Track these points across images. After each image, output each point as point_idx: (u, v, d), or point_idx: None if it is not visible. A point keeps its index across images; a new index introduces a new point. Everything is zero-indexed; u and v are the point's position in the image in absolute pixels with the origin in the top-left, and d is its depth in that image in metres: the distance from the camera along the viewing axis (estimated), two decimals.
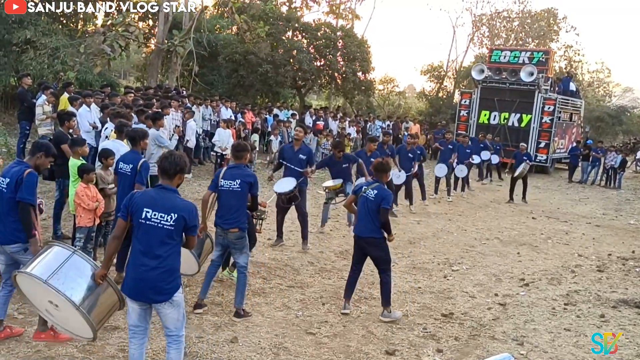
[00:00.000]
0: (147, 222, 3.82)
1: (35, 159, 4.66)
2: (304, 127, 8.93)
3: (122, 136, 7.26)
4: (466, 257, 8.90)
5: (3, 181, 4.51)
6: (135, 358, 4.00)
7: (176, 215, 3.82)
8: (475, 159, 15.64)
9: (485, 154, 16.47)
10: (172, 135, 11.23)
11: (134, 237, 3.91)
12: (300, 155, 8.19)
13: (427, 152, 14.29)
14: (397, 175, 11.19)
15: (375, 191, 5.90)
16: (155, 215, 3.82)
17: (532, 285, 7.61)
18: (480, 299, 6.98)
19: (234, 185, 5.61)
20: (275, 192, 8.04)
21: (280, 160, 8.48)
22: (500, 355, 5.18)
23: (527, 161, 14.27)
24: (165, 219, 3.81)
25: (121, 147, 7.04)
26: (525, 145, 15.56)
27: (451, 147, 14.02)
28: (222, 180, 5.67)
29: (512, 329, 6.02)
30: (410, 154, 11.77)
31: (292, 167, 8.15)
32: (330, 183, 9.01)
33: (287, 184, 7.97)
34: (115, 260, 5.94)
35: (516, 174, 14.20)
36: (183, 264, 5.54)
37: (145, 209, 3.83)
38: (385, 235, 5.93)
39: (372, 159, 9.29)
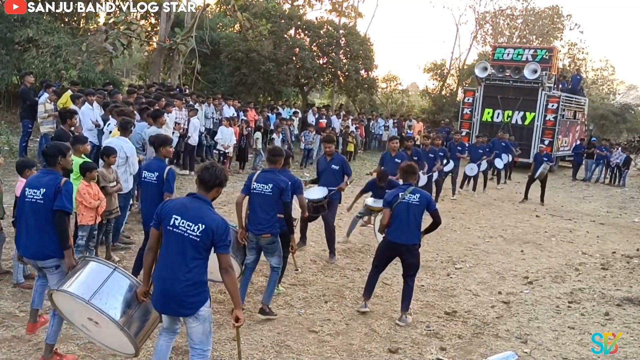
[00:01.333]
0: (175, 230, 3.67)
1: (58, 165, 4.44)
2: (331, 139, 8.37)
3: (126, 133, 7.24)
4: (470, 255, 8.86)
5: (36, 192, 4.25)
6: (162, 350, 3.95)
7: (204, 226, 3.62)
8: (498, 163, 15.59)
9: (505, 157, 16.36)
10: (173, 133, 11.21)
11: (161, 246, 3.78)
12: (333, 166, 7.91)
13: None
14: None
15: (418, 194, 5.78)
16: (183, 223, 3.66)
17: (536, 284, 7.57)
18: (483, 297, 6.95)
19: (266, 189, 5.51)
20: (306, 198, 7.86)
21: (317, 173, 8.26)
22: (504, 354, 5.15)
23: (547, 162, 14.16)
24: (192, 229, 3.63)
25: (125, 144, 7.03)
26: (543, 146, 15.44)
27: (460, 148, 13.96)
28: (255, 183, 5.58)
29: (515, 327, 5.99)
30: (430, 154, 11.66)
31: (327, 176, 7.92)
32: (372, 203, 8.60)
33: (318, 192, 7.77)
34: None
35: (537, 175, 14.07)
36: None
37: (174, 216, 3.69)
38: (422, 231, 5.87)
39: (397, 160, 9.15)
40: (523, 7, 36.64)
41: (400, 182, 6.37)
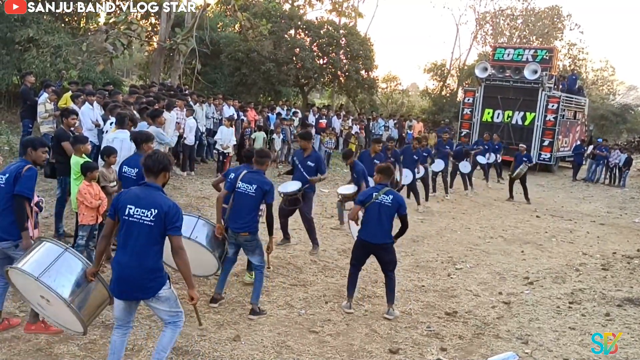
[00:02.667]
0: (130, 219, 3.85)
1: (27, 156, 4.72)
2: (306, 136, 8.35)
3: (124, 127, 7.25)
4: (470, 256, 8.85)
5: (2, 178, 4.52)
6: (117, 346, 4.05)
7: (156, 210, 3.81)
8: (481, 160, 15.61)
9: (491, 156, 16.41)
10: (173, 132, 11.21)
11: (118, 235, 3.94)
12: (309, 162, 8.00)
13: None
14: (404, 175, 11.12)
15: (391, 196, 5.85)
16: (137, 211, 3.84)
17: (536, 284, 7.57)
18: (484, 297, 6.94)
19: (250, 189, 5.64)
20: (279, 192, 7.96)
21: (293, 163, 8.33)
22: (505, 354, 5.16)
23: (526, 162, 14.17)
24: (145, 215, 3.82)
25: (125, 138, 7.03)
26: (525, 146, 15.46)
27: (448, 147, 14.02)
28: (240, 182, 5.70)
29: (516, 327, 5.98)
30: (415, 156, 11.73)
31: (302, 171, 7.98)
32: (344, 191, 8.75)
33: (291, 186, 7.87)
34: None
35: (514, 174, 14.15)
36: (201, 264, 5.50)
37: (128, 206, 3.87)
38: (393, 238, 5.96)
39: (376, 161, 9.22)
40: (523, 7, 36.72)
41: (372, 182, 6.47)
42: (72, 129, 7.67)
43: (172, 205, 3.90)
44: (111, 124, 8.54)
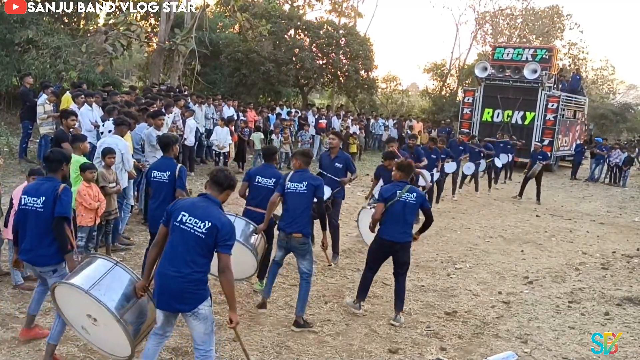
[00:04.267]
0: (181, 226, 3.77)
1: (58, 173, 4.48)
2: (338, 134, 8.23)
3: (121, 130, 7.25)
4: (470, 255, 8.86)
5: (36, 201, 4.29)
6: (150, 353, 3.97)
7: (210, 223, 3.72)
8: (498, 162, 15.58)
9: (504, 157, 16.34)
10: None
11: (167, 242, 3.85)
12: (337, 164, 7.75)
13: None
14: (424, 176, 11.00)
15: (414, 194, 5.78)
16: (190, 220, 3.76)
17: (536, 283, 7.57)
18: (483, 297, 6.94)
19: (301, 187, 5.54)
20: None
21: (320, 170, 8.00)
22: (504, 354, 5.17)
23: (541, 160, 14.14)
24: (198, 225, 3.73)
25: (119, 142, 7.02)
26: (540, 144, 15.40)
27: (462, 147, 13.92)
28: (289, 182, 5.59)
29: (516, 327, 5.99)
30: (433, 155, 11.54)
31: (330, 176, 7.72)
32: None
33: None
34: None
35: (529, 173, 14.09)
36: (241, 265, 5.33)
37: (182, 212, 3.80)
38: (415, 232, 5.93)
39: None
40: (523, 7, 36.75)
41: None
42: (71, 130, 7.69)
43: (227, 222, 3.80)
44: (109, 128, 8.53)
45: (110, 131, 8.19)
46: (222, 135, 13.22)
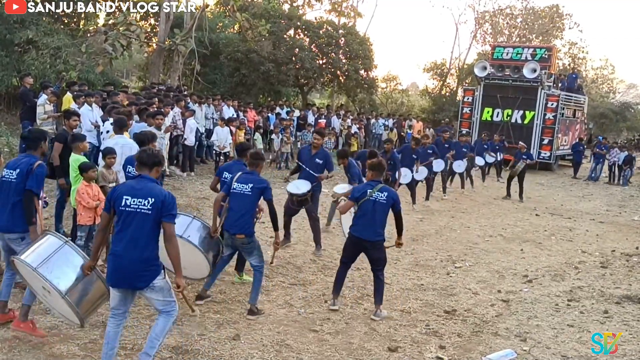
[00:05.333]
0: (127, 209, 3.98)
1: (37, 150, 4.84)
2: (322, 132, 8.52)
3: (123, 131, 7.28)
4: (469, 254, 8.87)
5: (12, 173, 4.66)
6: (111, 336, 4.14)
7: (153, 199, 3.96)
8: (479, 161, 15.59)
9: (490, 157, 16.37)
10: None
11: (115, 227, 4.06)
12: (317, 160, 7.95)
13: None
14: (403, 175, 11.08)
15: (386, 193, 5.82)
16: (134, 201, 3.97)
17: (535, 282, 7.59)
18: (483, 295, 6.96)
19: (246, 189, 5.63)
20: (288, 192, 7.92)
21: (298, 163, 8.26)
22: (503, 352, 5.19)
23: (525, 160, 14.17)
24: (142, 204, 3.96)
25: (121, 142, 7.03)
26: (524, 144, 15.42)
27: (447, 145, 13.95)
28: (235, 183, 5.69)
29: (515, 325, 6.00)
30: (414, 155, 11.69)
31: (308, 170, 7.93)
32: (340, 190, 8.52)
33: (301, 186, 7.80)
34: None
35: (512, 171, 14.15)
36: (193, 267, 5.50)
37: (125, 197, 4.00)
38: (396, 238, 6.02)
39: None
40: (522, 6, 36.73)
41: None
42: (74, 131, 7.70)
43: (167, 194, 4.06)
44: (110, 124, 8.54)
45: (108, 131, 8.22)
46: (222, 135, 13.24)
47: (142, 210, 3.95)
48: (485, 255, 8.87)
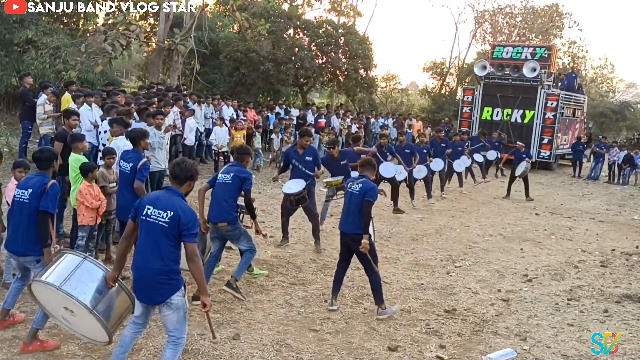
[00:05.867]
0: (147, 219, 3.90)
1: (49, 170, 4.75)
2: (310, 133, 8.64)
3: (116, 133, 7.31)
4: (469, 254, 8.87)
5: (24, 193, 4.53)
6: (126, 341, 4.10)
7: (172, 213, 3.84)
8: (478, 158, 15.57)
9: (492, 154, 16.33)
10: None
11: (138, 236, 3.98)
12: (307, 158, 8.06)
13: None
14: (398, 172, 11.10)
15: (360, 185, 5.85)
16: (154, 212, 3.89)
17: (535, 281, 7.59)
18: (483, 295, 6.96)
19: (227, 178, 5.83)
20: (284, 193, 7.96)
21: (287, 163, 8.34)
22: (503, 351, 5.19)
23: (527, 159, 14.16)
24: (161, 216, 3.86)
25: (122, 144, 7.05)
26: (523, 144, 15.39)
27: (444, 144, 13.92)
28: (220, 174, 5.97)
29: (515, 324, 6.00)
30: (406, 150, 11.70)
31: (301, 168, 8.01)
32: (330, 179, 8.82)
33: (296, 185, 7.87)
34: None
35: (519, 173, 14.10)
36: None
37: (147, 206, 3.93)
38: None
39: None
40: (522, 6, 36.68)
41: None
42: (73, 130, 7.70)
43: (188, 211, 3.90)
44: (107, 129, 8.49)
45: (106, 131, 8.22)
46: (221, 135, 13.24)
47: (160, 222, 3.85)
48: (485, 255, 8.87)
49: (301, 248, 8.25)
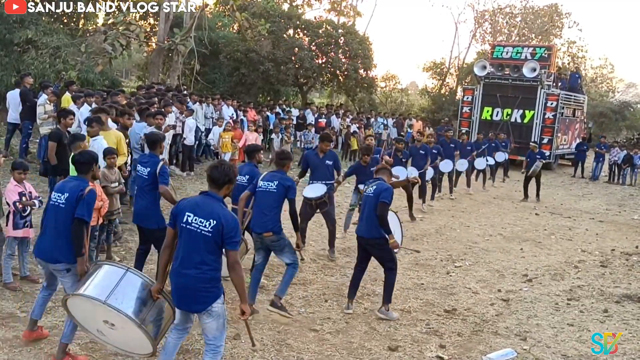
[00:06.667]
0: (188, 227, 3.80)
1: (88, 174, 4.51)
2: (330, 138, 8.49)
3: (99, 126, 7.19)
4: (469, 254, 8.88)
5: (60, 197, 4.31)
6: (170, 348, 4.05)
7: (215, 222, 3.74)
8: (490, 161, 15.52)
9: (500, 156, 16.26)
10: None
11: (177, 243, 3.91)
12: (327, 161, 7.92)
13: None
14: (410, 173, 10.99)
15: (375, 187, 5.87)
16: (195, 220, 3.78)
17: (535, 281, 7.60)
18: (483, 294, 6.97)
19: (271, 186, 5.60)
20: (304, 197, 7.78)
21: (306, 166, 8.13)
22: (503, 351, 5.20)
23: (540, 159, 14.17)
24: (204, 225, 3.76)
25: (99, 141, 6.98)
26: (536, 144, 15.34)
27: (453, 145, 13.88)
28: (261, 181, 5.68)
29: (515, 324, 6.01)
30: (421, 151, 11.61)
31: (322, 172, 7.89)
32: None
33: (317, 190, 7.73)
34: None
35: (529, 172, 14.11)
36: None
37: (187, 213, 3.82)
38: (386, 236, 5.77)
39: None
40: (522, 6, 36.73)
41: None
42: (69, 129, 7.71)
43: (231, 218, 3.82)
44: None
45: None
46: (218, 136, 13.25)
47: (203, 232, 3.74)
48: (485, 255, 8.88)
49: (301, 247, 8.23)
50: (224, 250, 3.84)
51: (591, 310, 6.54)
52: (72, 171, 6.33)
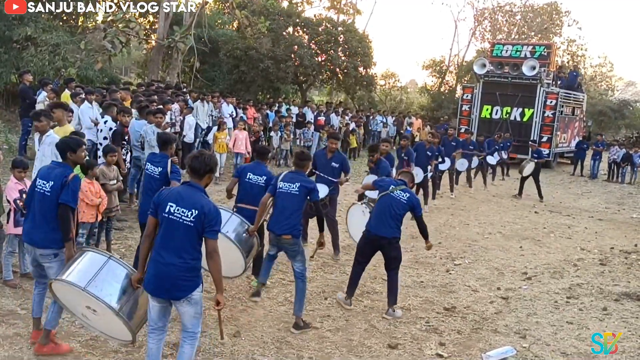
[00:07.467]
0: (170, 217, 3.83)
1: (67, 160, 4.52)
2: (337, 136, 8.40)
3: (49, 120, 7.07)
4: (469, 252, 8.89)
5: (45, 184, 4.36)
6: (153, 352, 4.03)
7: (197, 211, 3.79)
8: (491, 160, 15.51)
9: (492, 159, 16.24)
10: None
11: (158, 233, 3.93)
12: (333, 163, 7.81)
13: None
14: (415, 174, 10.93)
15: (408, 195, 5.94)
16: (177, 210, 3.82)
17: (534, 279, 7.61)
18: (482, 292, 6.98)
19: (293, 188, 5.55)
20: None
21: (314, 166, 7.94)
22: (503, 349, 5.22)
23: (532, 159, 14.17)
24: (186, 215, 3.80)
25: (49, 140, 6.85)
26: (535, 143, 15.31)
27: (454, 143, 13.88)
28: (281, 182, 5.62)
29: (514, 322, 6.03)
30: (428, 152, 11.56)
31: (325, 176, 7.77)
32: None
33: (320, 191, 7.77)
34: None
35: (524, 174, 14.11)
36: (229, 264, 5.19)
37: (169, 203, 3.85)
38: (424, 241, 6.19)
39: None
40: (522, 4, 36.69)
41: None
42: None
43: (212, 208, 3.87)
44: (106, 121, 8.44)
45: (110, 129, 8.22)
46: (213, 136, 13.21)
47: (185, 222, 3.79)
48: (484, 253, 8.90)
49: None
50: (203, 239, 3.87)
51: (590, 308, 6.55)
52: (75, 170, 6.37)
